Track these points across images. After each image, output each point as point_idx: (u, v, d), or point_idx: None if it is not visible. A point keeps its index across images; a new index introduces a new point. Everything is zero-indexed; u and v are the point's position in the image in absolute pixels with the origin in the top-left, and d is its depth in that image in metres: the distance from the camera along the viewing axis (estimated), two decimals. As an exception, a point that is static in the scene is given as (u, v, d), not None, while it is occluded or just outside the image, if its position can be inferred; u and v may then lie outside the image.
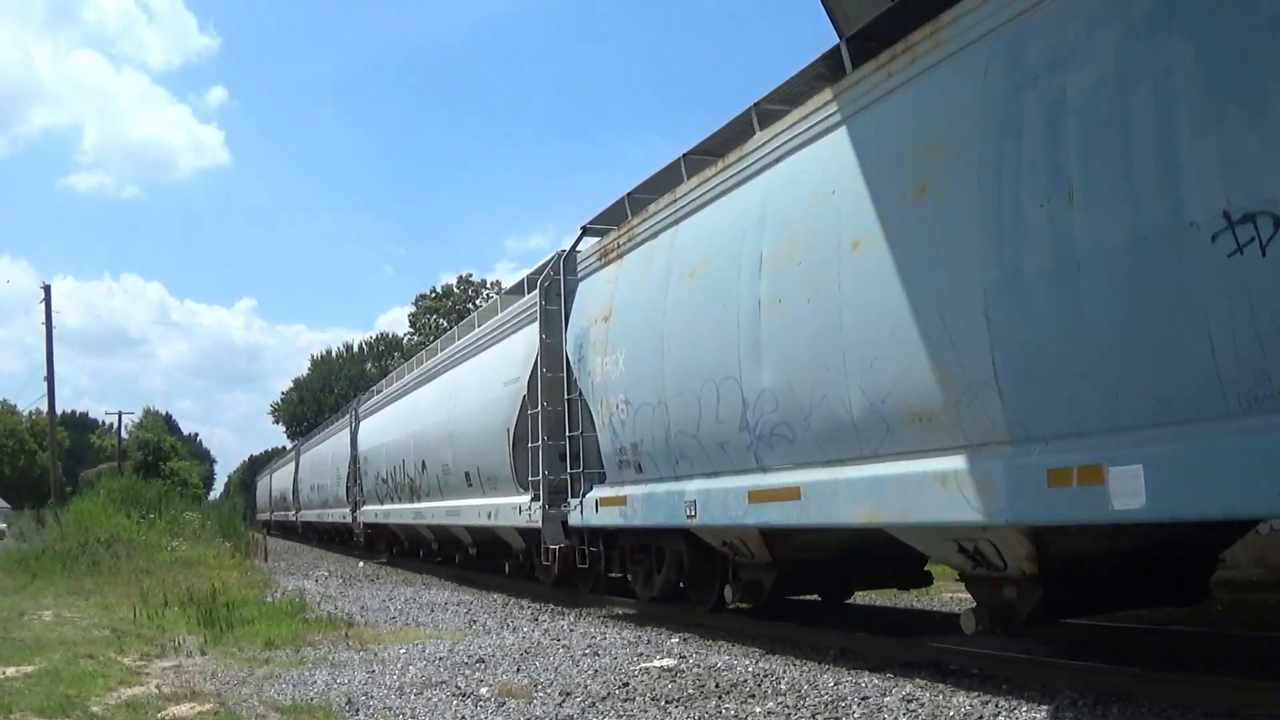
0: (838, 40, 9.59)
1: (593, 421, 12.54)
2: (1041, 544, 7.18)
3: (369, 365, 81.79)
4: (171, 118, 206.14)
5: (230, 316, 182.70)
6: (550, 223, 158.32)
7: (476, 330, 17.99)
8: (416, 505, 21.12)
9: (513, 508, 14.88)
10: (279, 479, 54.68)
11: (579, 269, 13.23)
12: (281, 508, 51.67)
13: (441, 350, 20.95)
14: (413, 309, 78.89)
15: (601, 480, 12.43)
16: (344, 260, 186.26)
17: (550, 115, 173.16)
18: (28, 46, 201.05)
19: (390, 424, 24.07)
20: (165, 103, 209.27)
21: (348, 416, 31.01)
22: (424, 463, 20.00)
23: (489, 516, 15.91)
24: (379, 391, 28.02)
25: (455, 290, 77.40)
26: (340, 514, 31.48)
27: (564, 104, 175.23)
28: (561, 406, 13.35)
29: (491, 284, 75.34)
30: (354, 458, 28.44)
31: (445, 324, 66.52)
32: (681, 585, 11.92)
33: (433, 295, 78.10)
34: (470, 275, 78.48)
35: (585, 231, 13.44)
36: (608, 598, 14.01)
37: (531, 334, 14.44)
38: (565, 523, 13.41)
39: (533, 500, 14.16)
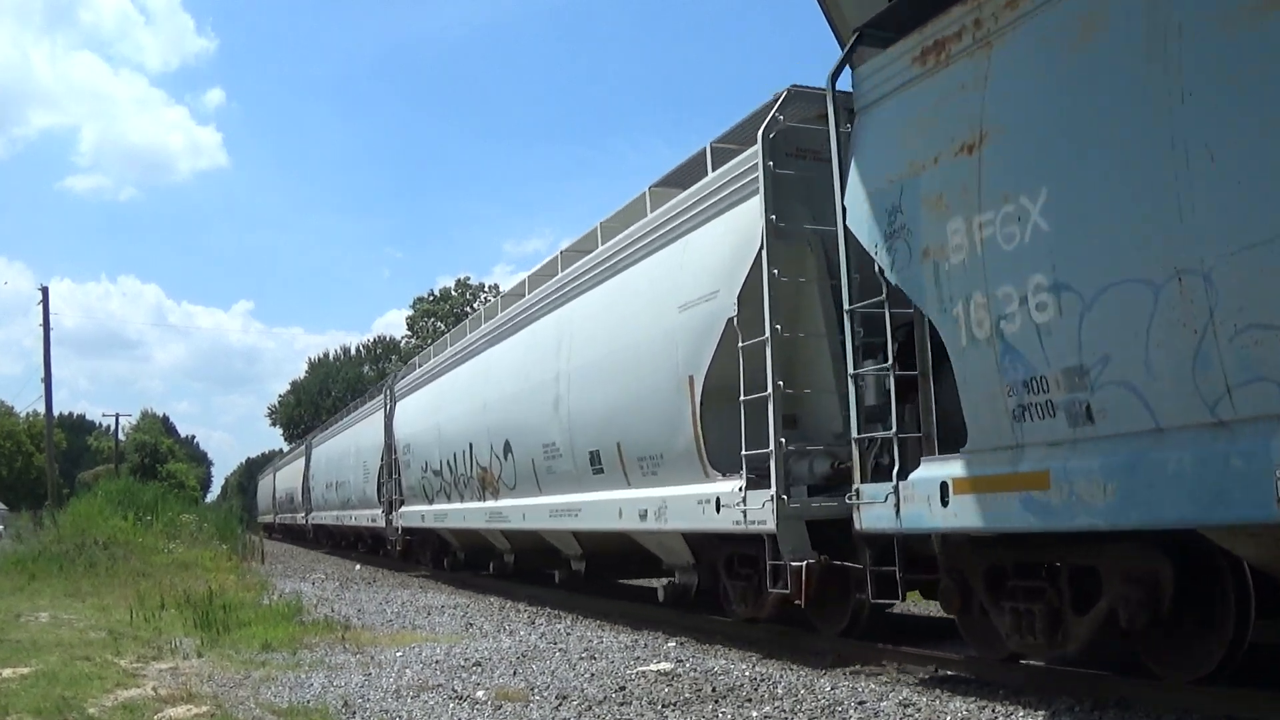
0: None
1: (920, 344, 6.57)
2: None
3: (366, 368, 76.01)
4: (169, 120, 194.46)
5: (227, 319, 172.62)
6: (548, 227, 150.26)
7: (608, 244, 11.30)
8: (492, 504, 14.47)
9: (701, 501, 8.81)
10: (284, 478, 46.05)
11: (865, 92, 7.20)
12: (288, 509, 43.48)
13: (531, 291, 13.95)
14: (410, 312, 73.24)
15: (932, 452, 6.53)
16: (341, 263, 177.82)
17: (549, 119, 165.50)
18: (25, 48, 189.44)
19: (446, 400, 17.17)
20: (163, 104, 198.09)
21: (380, 398, 23.62)
22: (507, 445, 13.52)
23: (646, 516, 9.76)
24: (423, 363, 20.64)
25: (453, 293, 72.10)
26: (369, 516, 24.51)
27: (562, 107, 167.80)
28: (822, 329, 7.36)
29: (490, 287, 69.69)
30: (389, 447, 21.53)
31: (443, 327, 60.90)
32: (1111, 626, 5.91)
33: (430, 298, 72.44)
34: (468, 278, 73.26)
35: (862, 37, 7.37)
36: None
37: (739, 221, 8.52)
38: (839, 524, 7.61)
39: (746, 488, 8.14)
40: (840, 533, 7.49)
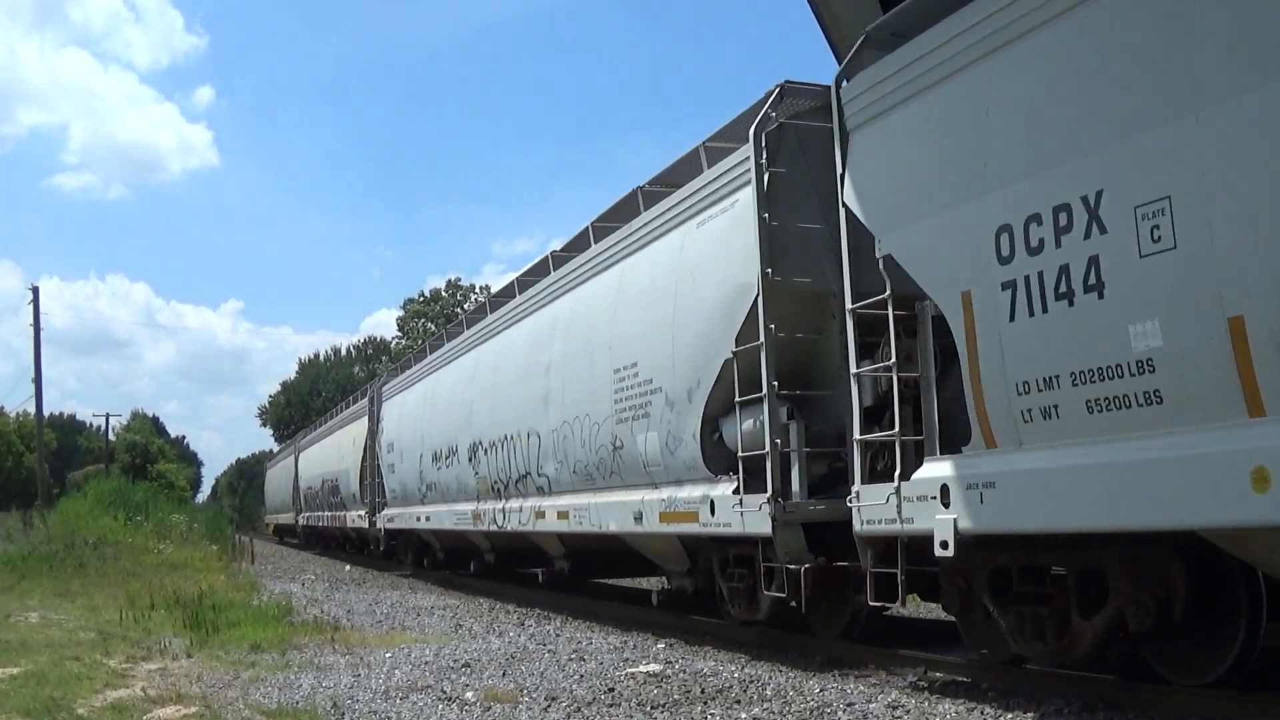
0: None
1: None
2: None
3: (356, 369, 75.57)
4: (159, 117, 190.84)
5: (217, 318, 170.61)
6: (538, 228, 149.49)
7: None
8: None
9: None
10: (315, 460, 32.28)
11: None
12: (324, 505, 29.97)
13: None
14: (401, 313, 72.91)
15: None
16: (331, 262, 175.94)
17: (539, 120, 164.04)
18: (14, 45, 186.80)
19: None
20: (153, 102, 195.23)
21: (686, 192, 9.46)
22: None
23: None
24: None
25: (443, 294, 71.64)
26: (637, 507, 9.82)
27: (553, 109, 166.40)
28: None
29: (480, 288, 69.26)
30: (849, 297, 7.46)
31: (433, 327, 60.60)
32: None
33: (421, 299, 72.05)
34: (458, 279, 72.81)
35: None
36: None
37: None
38: None
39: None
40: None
